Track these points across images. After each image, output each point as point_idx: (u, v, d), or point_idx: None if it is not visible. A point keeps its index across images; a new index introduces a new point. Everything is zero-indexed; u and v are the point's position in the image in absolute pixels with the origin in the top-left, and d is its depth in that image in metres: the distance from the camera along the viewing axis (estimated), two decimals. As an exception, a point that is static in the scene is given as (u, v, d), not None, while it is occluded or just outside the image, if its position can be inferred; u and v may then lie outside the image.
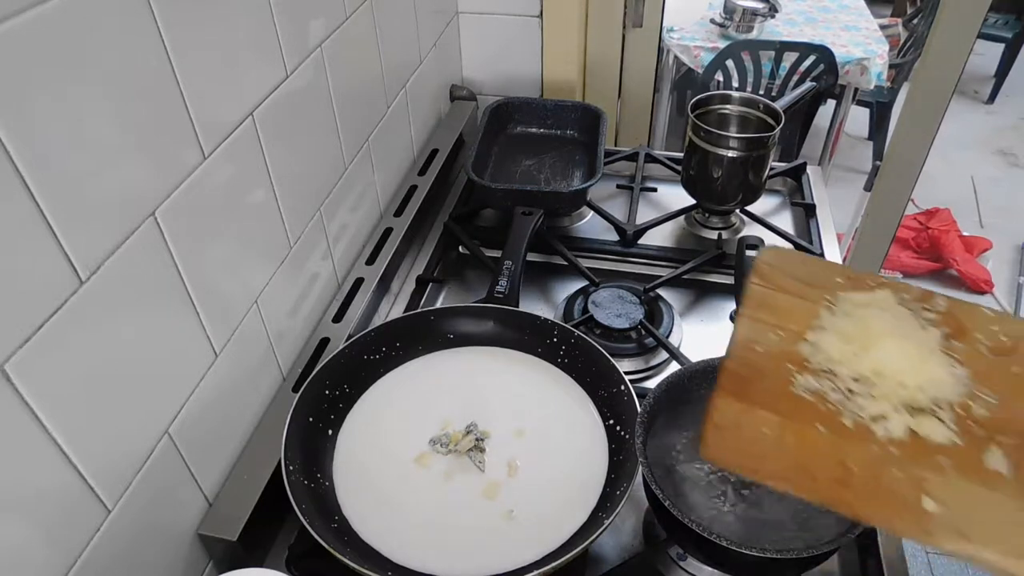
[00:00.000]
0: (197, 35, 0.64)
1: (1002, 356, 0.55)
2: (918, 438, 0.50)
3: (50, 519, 0.55)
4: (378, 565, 0.69)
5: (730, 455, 0.52)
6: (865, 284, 0.60)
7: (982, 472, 0.48)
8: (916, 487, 0.47)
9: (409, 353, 0.90)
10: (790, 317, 0.58)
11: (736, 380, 0.54)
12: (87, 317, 0.55)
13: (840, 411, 0.52)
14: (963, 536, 0.45)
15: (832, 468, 0.49)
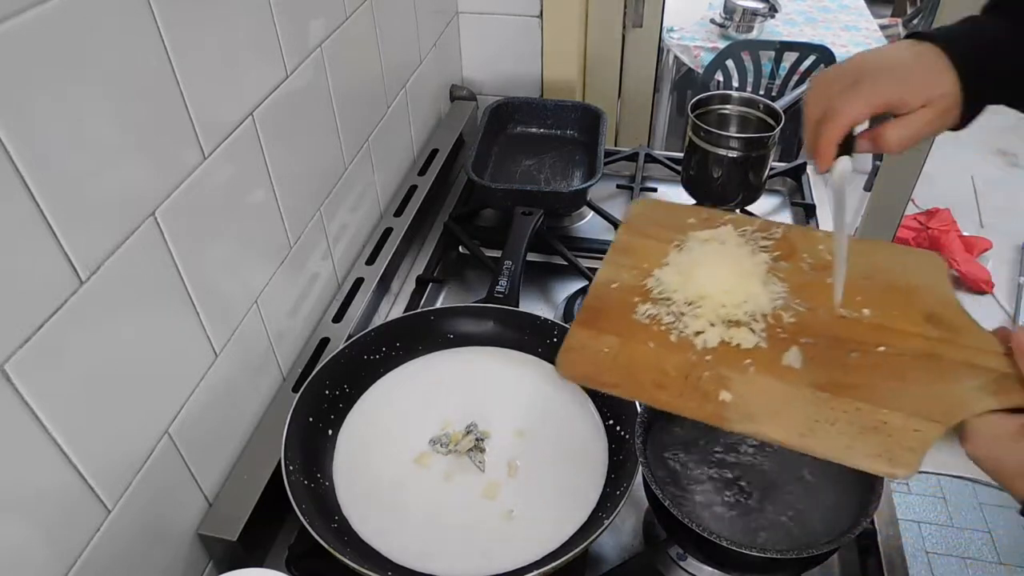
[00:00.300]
0: (197, 35, 0.64)
1: (822, 270, 0.65)
2: (729, 346, 0.59)
3: (50, 519, 0.55)
4: (378, 565, 0.69)
5: (577, 371, 0.60)
6: (713, 222, 0.70)
7: (778, 368, 0.57)
8: (720, 384, 0.57)
9: (409, 353, 0.90)
10: (644, 257, 0.68)
11: (590, 312, 0.64)
12: (87, 317, 0.55)
13: (669, 330, 0.61)
14: (750, 419, 0.54)
15: (653, 374, 0.58)
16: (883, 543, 0.76)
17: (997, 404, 0.51)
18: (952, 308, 0.60)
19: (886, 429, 0.52)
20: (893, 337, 0.58)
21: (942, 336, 0.58)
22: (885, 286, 0.63)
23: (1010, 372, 0.53)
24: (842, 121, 0.56)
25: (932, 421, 0.51)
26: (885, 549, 0.75)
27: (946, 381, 0.54)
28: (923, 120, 0.56)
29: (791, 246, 0.67)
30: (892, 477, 0.51)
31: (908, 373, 0.56)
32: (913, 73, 0.56)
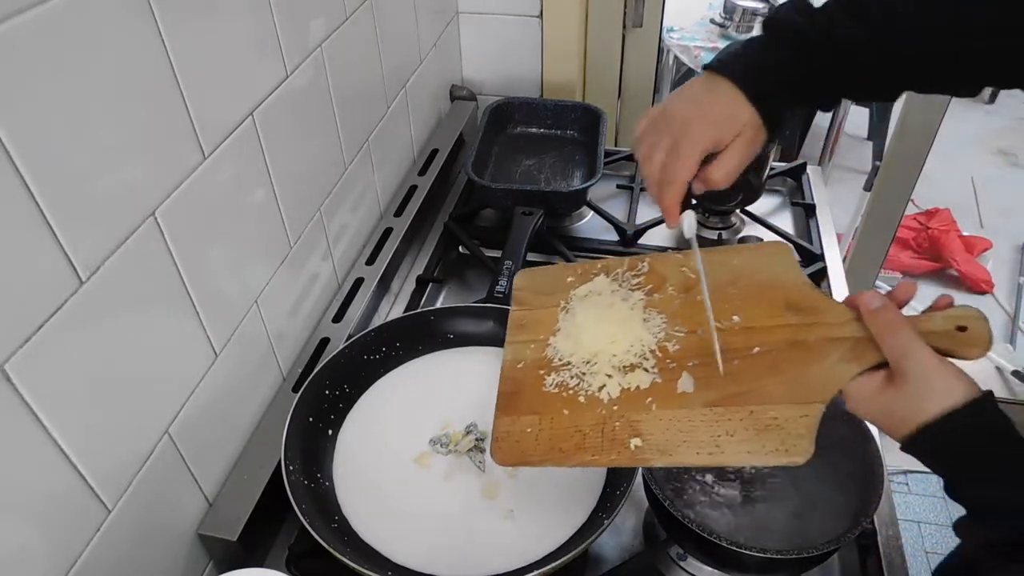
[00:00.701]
0: (197, 35, 0.64)
1: (690, 291, 0.68)
2: (630, 391, 0.62)
3: (50, 519, 0.55)
4: (378, 565, 0.69)
5: (508, 458, 0.63)
6: (588, 275, 0.73)
7: (675, 398, 0.60)
8: (631, 430, 0.60)
9: (409, 353, 0.90)
10: (539, 329, 0.70)
11: (505, 399, 0.66)
12: (87, 317, 0.55)
13: (577, 392, 0.64)
14: (665, 453, 0.58)
15: (574, 438, 0.61)
16: (883, 543, 0.76)
17: (859, 368, 0.55)
18: (806, 291, 0.64)
19: (777, 423, 0.56)
20: (763, 335, 0.62)
21: (802, 321, 0.61)
22: (747, 288, 0.66)
23: (863, 335, 0.57)
24: (678, 186, 0.61)
25: (812, 403, 0.55)
26: (885, 549, 0.75)
27: (815, 362, 0.58)
28: (738, 152, 0.62)
29: (659, 277, 0.71)
30: (792, 464, 0.54)
31: (782, 365, 0.59)
32: (719, 114, 0.61)
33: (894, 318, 0.54)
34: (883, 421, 0.53)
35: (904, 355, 0.52)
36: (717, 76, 0.62)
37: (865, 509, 0.65)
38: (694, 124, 0.61)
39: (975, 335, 0.54)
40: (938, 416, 0.48)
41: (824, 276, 1.09)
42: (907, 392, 0.51)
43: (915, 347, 0.52)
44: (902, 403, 0.51)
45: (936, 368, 0.50)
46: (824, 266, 1.09)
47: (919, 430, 0.49)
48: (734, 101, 0.61)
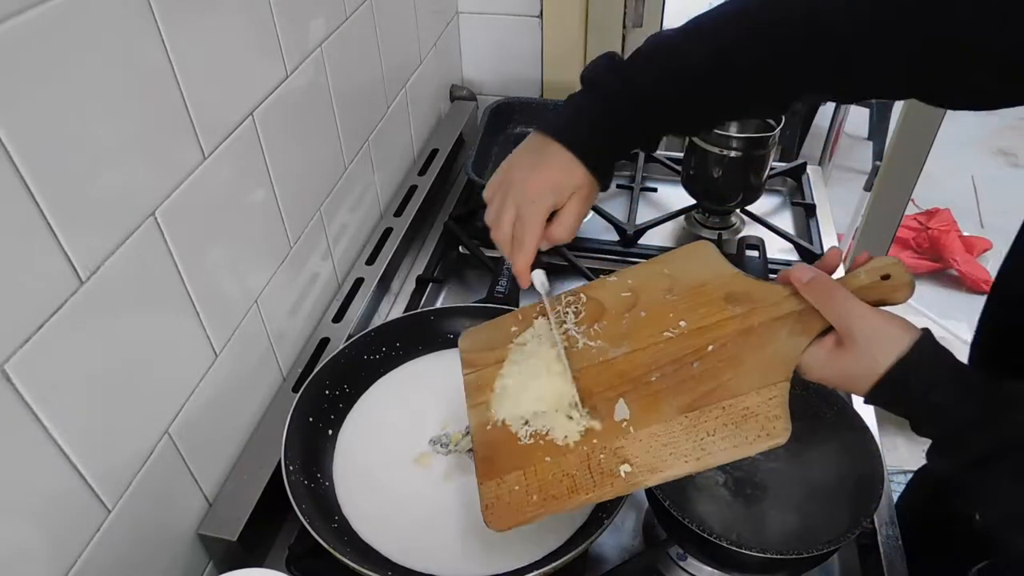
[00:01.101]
0: (197, 35, 0.64)
1: (632, 309, 0.69)
2: (593, 429, 0.63)
3: (50, 519, 0.55)
4: (378, 565, 0.69)
5: (504, 523, 0.61)
6: (528, 318, 0.73)
7: (649, 415, 0.61)
8: (616, 457, 0.60)
9: (409, 353, 0.90)
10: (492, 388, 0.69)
11: (485, 464, 0.65)
12: (87, 317, 0.55)
13: (553, 437, 0.63)
14: (655, 470, 0.58)
15: (565, 482, 0.61)
16: (883, 543, 0.76)
17: (808, 338, 0.58)
18: (740, 280, 0.66)
19: (751, 411, 0.58)
20: (712, 332, 0.63)
21: (744, 309, 0.63)
22: (685, 292, 0.67)
23: (804, 307, 0.59)
24: (528, 251, 0.66)
25: (776, 384, 0.58)
26: (885, 549, 0.75)
27: (767, 344, 0.60)
28: (575, 209, 0.66)
29: (599, 305, 0.71)
30: (776, 446, 0.56)
31: (739, 355, 0.61)
32: (554, 179, 0.65)
33: (827, 284, 0.57)
34: (842, 383, 0.57)
35: (845, 316, 0.55)
36: (547, 138, 0.66)
37: (865, 509, 0.65)
38: (533, 192, 0.65)
39: (898, 280, 0.58)
40: (891, 366, 0.52)
41: (824, 276, 1.08)
42: (858, 351, 0.54)
43: (853, 306, 0.55)
44: (855, 362, 0.54)
45: (878, 322, 0.54)
46: (824, 266, 1.09)
47: (877, 383, 0.53)
48: (566, 164, 0.65)
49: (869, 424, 0.75)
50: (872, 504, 0.65)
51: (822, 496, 0.71)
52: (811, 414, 0.76)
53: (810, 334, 0.58)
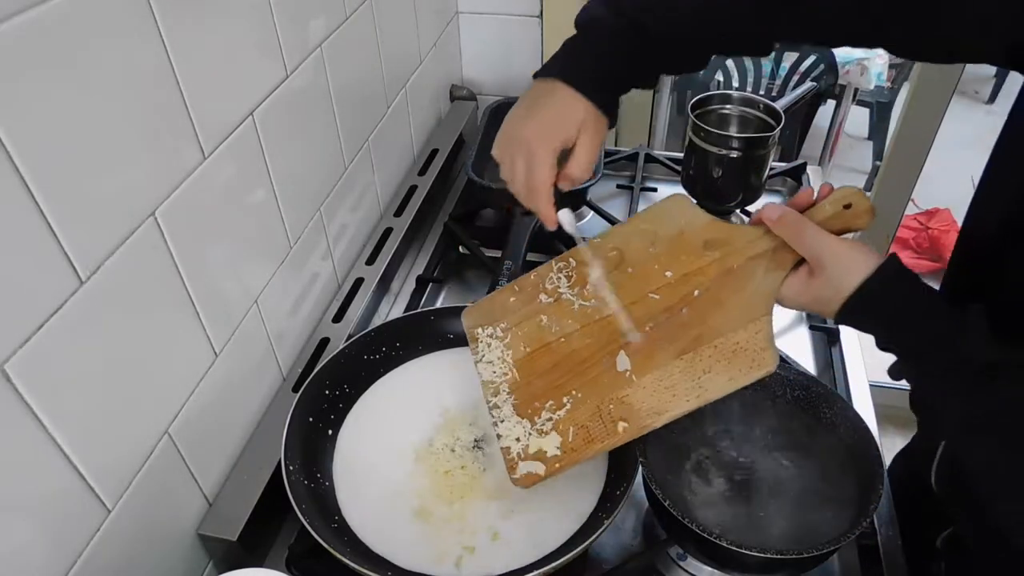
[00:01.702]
0: (197, 35, 0.64)
1: (619, 267, 0.73)
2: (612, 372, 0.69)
3: (50, 519, 0.55)
4: (378, 565, 0.69)
5: (529, 477, 0.68)
6: (526, 289, 0.77)
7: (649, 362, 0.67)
8: (624, 406, 0.66)
9: (409, 353, 0.90)
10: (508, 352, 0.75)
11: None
12: (87, 317, 0.55)
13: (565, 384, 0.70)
14: (659, 413, 0.65)
15: (579, 435, 0.67)
16: (883, 543, 0.76)
17: (783, 272, 0.63)
18: (715, 226, 0.69)
19: (740, 347, 0.63)
20: (696, 278, 0.68)
21: (722, 252, 0.67)
22: (665, 244, 0.71)
23: (777, 243, 0.64)
24: (544, 193, 0.67)
25: (760, 318, 0.63)
26: (885, 549, 0.75)
27: (747, 282, 0.65)
28: (586, 144, 0.67)
29: (584, 271, 0.75)
30: (767, 374, 0.62)
31: (722, 296, 0.66)
32: (556, 116, 0.66)
33: (796, 220, 0.61)
34: (816, 307, 0.61)
35: (815, 247, 0.59)
36: (547, 80, 0.67)
37: (865, 509, 0.65)
38: (538, 134, 0.66)
39: (859, 207, 0.62)
40: (858, 286, 0.56)
41: (824, 276, 1.09)
42: (827, 277, 0.58)
43: (821, 238, 0.59)
44: (826, 287, 0.59)
45: (844, 249, 0.58)
46: (824, 266, 1.09)
47: (845, 303, 0.57)
48: (567, 100, 0.66)
49: (869, 424, 0.75)
50: (872, 504, 0.65)
51: (822, 496, 0.71)
52: (811, 414, 0.76)
53: (784, 268, 0.63)
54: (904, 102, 1.69)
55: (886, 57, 2.67)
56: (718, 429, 0.76)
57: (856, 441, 0.71)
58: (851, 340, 0.99)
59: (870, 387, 0.92)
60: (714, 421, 0.77)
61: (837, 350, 0.98)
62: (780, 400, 0.77)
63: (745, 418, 0.77)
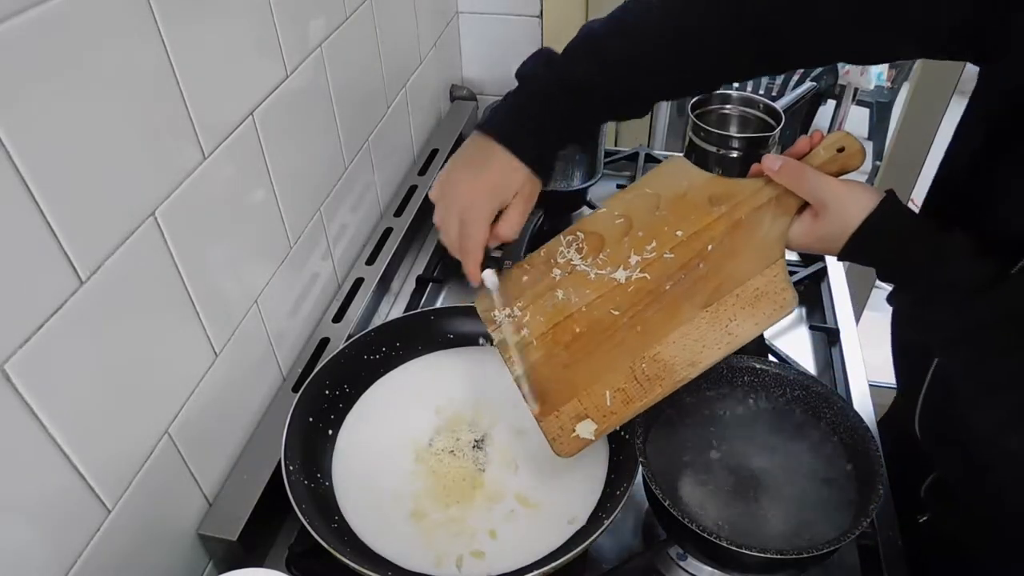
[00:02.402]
0: (197, 35, 0.64)
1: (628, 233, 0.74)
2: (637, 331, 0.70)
3: (50, 519, 0.55)
4: (378, 565, 0.69)
5: (573, 447, 0.69)
6: (537, 266, 0.77)
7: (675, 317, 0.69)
8: (658, 363, 0.68)
9: (409, 353, 0.90)
10: (529, 330, 0.74)
11: (540, 401, 0.71)
12: (87, 317, 0.55)
13: (599, 341, 0.71)
14: (695, 364, 0.68)
15: (617, 398, 0.69)
16: (883, 543, 0.76)
17: (789, 217, 0.66)
18: (717, 182, 0.72)
19: (761, 291, 0.67)
20: (707, 233, 0.70)
21: (728, 206, 0.70)
22: (671, 205, 0.73)
23: (779, 191, 0.66)
24: (475, 255, 0.70)
25: (774, 262, 0.67)
26: (885, 549, 0.75)
27: (756, 231, 0.68)
28: (519, 208, 0.70)
29: (598, 237, 0.76)
30: (791, 312, 0.67)
31: (735, 247, 0.69)
32: (496, 182, 0.68)
33: (795, 167, 0.64)
34: (822, 246, 0.64)
35: (815, 190, 0.63)
36: (488, 140, 0.69)
37: (865, 509, 0.65)
38: (476, 198, 0.68)
39: (851, 149, 0.65)
40: (862, 223, 0.60)
41: (824, 276, 1.09)
42: (831, 217, 0.62)
43: (820, 180, 0.63)
44: (830, 226, 0.62)
45: (844, 189, 0.62)
46: (824, 266, 1.09)
47: (851, 239, 0.60)
48: (506, 166, 0.68)
49: (869, 424, 0.75)
50: (872, 504, 0.65)
51: (822, 496, 0.71)
52: (811, 414, 0.76)
53: (790, 213, 0.66)
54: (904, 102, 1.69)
55: (886, 57, 2.66)
56: (718, 429, 0.76)
57: (856, 441, 0.71)
58: (851, 340, 0.99)
59: (870, 387, 0.92)
60: (714, 421, 0.77)
61: (837, 350, 0.98)
62: (780, 400, 0.77)
63: (745, 418, 0.77)
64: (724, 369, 0.77)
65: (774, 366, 0.78)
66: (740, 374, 0.78)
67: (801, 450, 0.75)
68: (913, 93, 1.66)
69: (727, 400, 0.78)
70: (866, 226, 0.59)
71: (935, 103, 1.62)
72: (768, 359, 0.85)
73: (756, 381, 0.78)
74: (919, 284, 0.59)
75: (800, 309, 1.07)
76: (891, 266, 0.61)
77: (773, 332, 1.02)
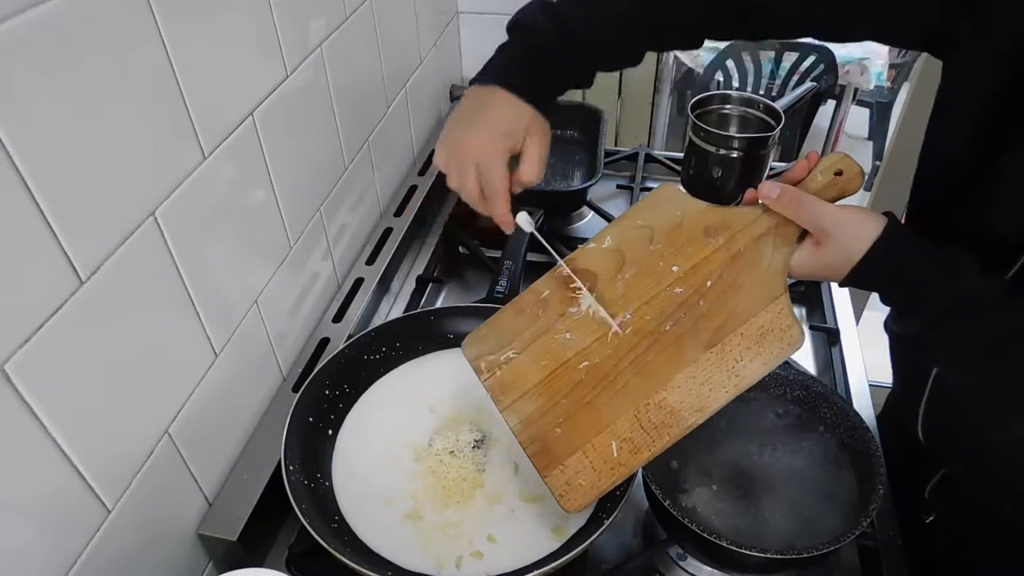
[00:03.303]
0: (197, 35, 0.64)
1: (621, 269, 0.70)
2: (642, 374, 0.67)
3: (50, 519, 0.55)
4: (378, 565, 0.69)
5: (582, 501, 0.66)
6: (524, 310, 0.73)
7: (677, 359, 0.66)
8: (663, 409, 0.65)
9: (409, 353, 0.90)
10: (517, 383, 0.71)
11: (541, 457, 0.68)
12: (87, 317, 0.55)
13: (595, 394, 0.68)
14: (702, 409, 0.64)
15: (624, 448, 0.66)
16: (883, 543, 0.76)
17: (790, 247, 0.64)
18: (712, 213, 0.68)
19: (766, 328, 0.64)
20: (706, 268, 0.67)
21: (725, 237, 0.67)
22: (666, 238, 0.70)
23: (778, 220, 0.64)
24: (501, 199, 0.68)
25: (778, 297, 0.64)
26: (885, 549, 0.75)
27: (758, 263, 0.65)
28: (535, 147, 0.69)
29: (590, 275, 0.72)
30: (798, 349, 0.63)
31: (737, 281, 0.66)
32: (503, 124, 0.67)
33: (794, 195, 0.62)
34: (825, 275, 0.63)
35: (816, 219, 0.61)
36: (488, 87, 0.68)
37: (865, 509, 0.65)
38: (488, 141, 0.67)
39: (850, 172, 0.63)
40: (866, 253, 0.58)
41: (824, 276, 1.09)
42: (833, 246, 0.60)
43: (820, 208, 0.61)
44: (833, 256, 0.60)
45: (845, 216, 0.60)
46: (824, 266, 1.09)
47: (856, 267, 0.59)
48: (511, 106, 0.68)
49: (869, 424, 0.75)
50: (872, 504, 0.65)
51: (822, 496, 0.71)
52: (811, 414, 0.76)
53: (790, 243, 0.64)
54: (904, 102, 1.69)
55: (886, 57, 2.67)
56: (718, 429, 0.76)
57: (856, 441, 0.71)
58: (851, 340, 0.99)
59: (870, 387, 0.92)
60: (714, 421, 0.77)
61: (837, 350, 0.98)
62: (780, 400, 0.77)
63: (745, 418, 0.77)
64: (724, 369, 0.77)
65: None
66: (740, 374, 0.78)
67: (801, 450, 0.75)
68: (913, 93, 1.67)
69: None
70: (873, 253, 0.58)
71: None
72: (768, 359, 0.85)
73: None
74: (930, 306, 0.58)
75: (800, 309, 1.07)
76: (901, 290, 0.60)
77: (773, 332, 1.02)
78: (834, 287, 1.07)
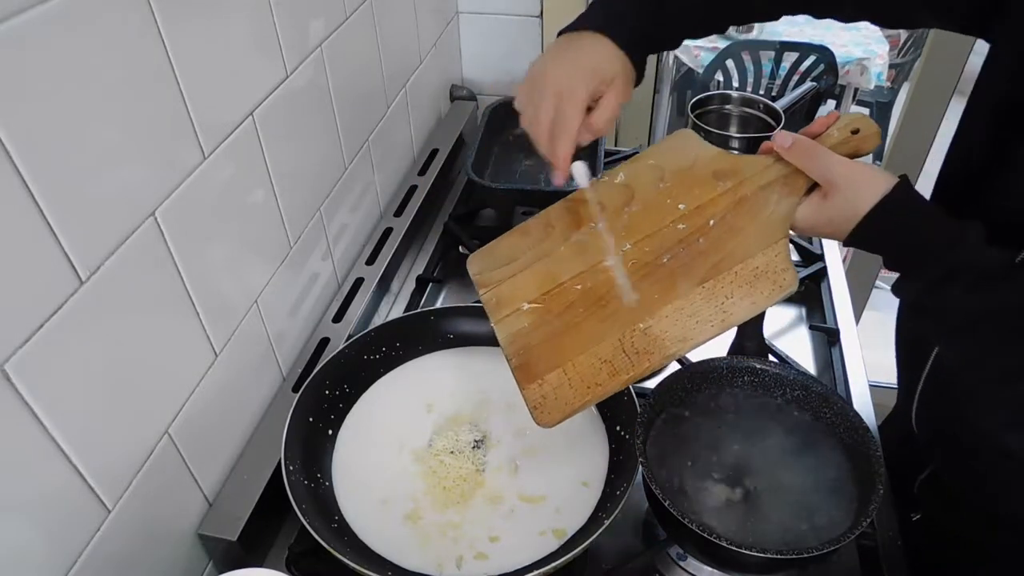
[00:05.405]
0: (197, 35, 0.64)
1: (629, 203, 0.72)
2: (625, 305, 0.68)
3: (50, 519, 0.55)
4: (378, 565, 0.69)
5: (554, 416, 0.67)
6: (532, 233, 0.75)
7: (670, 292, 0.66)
8: (647, 336, 0.66)
9: (409, 353, 0.90)
10: (516, 297, 0.72)
11: (522, 370, 0.69)
12: (87, 317, 0.55)
13: (587, 312, 0.69)
14: (685, 340, 0.65)
15: (603, 370, 0.66)
16: (883, 543, 0.76)
17: (797, 197, 0.63)
18: (723, 158, 0.69)
19: (761, 270, 0.64)
20: (710, 208, 0.68)
21: (734, 182, 0.68)
22: (675, 178, 0.71)
23: (789, 170, 0.64)
24: (568, 137, 0.66)
25: (777, 241, 0.64)
26: (885, 549, 0.75)
27: (761, 209, 0.65)
28: (613, 99, 0.68)
29: (600, 204, 0.73)
30: (790, 293, 0.63)
31: (738, 224, 0.66)
32: (592, 67, 0.67)
33: (808, 146, 0.62)
34: (829, 230, 0.62)
35: (827, 170, 0.60)
36: (583, 32, 0.68)
37: (865, 509, 0.65)
38: (573, 76, 0.66)
39: (867, 131, 0.63)
40: (875, 205, 0.57)
41: (824, 276, 1.09)
42: (841, 199, 0.59)
43: (832, 161, 0.60)
44: (840, 209, 0.60)
45: (855, 171, 0.59)
46: (824, 266, 1.09)
47: (862, 221, 0.58)
48: (603, 53, 0.67)
49: (869, 424, 0.75)
50: (872, 504, 0.65)
51: (822, 496, 0.71)
52: (811, 414, 0.76)
53: (798, 193, 0.63)
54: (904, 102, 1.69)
55: (886, 57, 2.67)
56: (718, 429, 0.76)
57: (856, 441, 0.71)
58: (851, 340, 0.99)
59: (870, 387, 0.92)
60: (714, 421, 0.77)
61: (837, 350, 0.98)
62: (780, 400, 0.77)
63: (745, 418, 0.77)
64: (724, 369, 0.77)
65: (774, 366, 0.78)
66: (740, 374, 0.78)
67: (801, 450, 0.75)
68: (913, 93, 1.66)
69: (727, 400, 0.78)
70: (880, 208, 0.57)
71: (935, 103, 1.62)
72: (768, 359, 0.85)
73: (756, 381, 0.78)
74: (935, 267, 0.57)
75: (800, 309, 1.07)
76: (905, 250, 0.59)
77: (773, 332, 1.02)
78: (834, 287, 1.06)
